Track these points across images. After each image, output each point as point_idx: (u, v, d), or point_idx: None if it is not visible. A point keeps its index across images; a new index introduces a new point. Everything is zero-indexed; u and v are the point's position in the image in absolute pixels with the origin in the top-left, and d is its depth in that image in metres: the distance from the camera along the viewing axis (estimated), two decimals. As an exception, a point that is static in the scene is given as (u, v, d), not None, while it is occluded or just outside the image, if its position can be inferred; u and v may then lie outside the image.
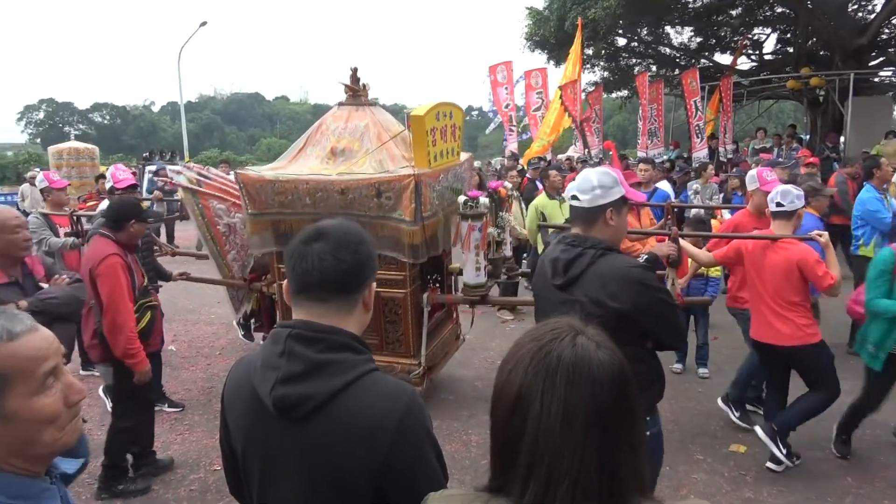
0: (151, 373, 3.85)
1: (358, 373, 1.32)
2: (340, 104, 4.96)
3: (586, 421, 0.98)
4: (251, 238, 4.77)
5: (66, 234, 5.45)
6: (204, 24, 25.51)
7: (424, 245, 4.40)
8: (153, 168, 16.81)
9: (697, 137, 13.35)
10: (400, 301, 4.58)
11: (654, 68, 19.57)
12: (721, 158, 13.90)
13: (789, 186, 3.98)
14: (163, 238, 9.00)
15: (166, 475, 4.10)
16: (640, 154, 13.66)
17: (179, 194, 5.60)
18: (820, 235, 3.75)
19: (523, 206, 7.54)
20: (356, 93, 4.92)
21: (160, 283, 5.48)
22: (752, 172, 4.70)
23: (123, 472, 3.93)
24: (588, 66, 18.61)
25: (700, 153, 12.97)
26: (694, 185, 8.57)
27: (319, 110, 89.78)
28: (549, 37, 16.83)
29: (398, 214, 4.30)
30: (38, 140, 72.33)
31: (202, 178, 5.44)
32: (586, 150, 12.46)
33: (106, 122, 75.10)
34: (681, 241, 3.98)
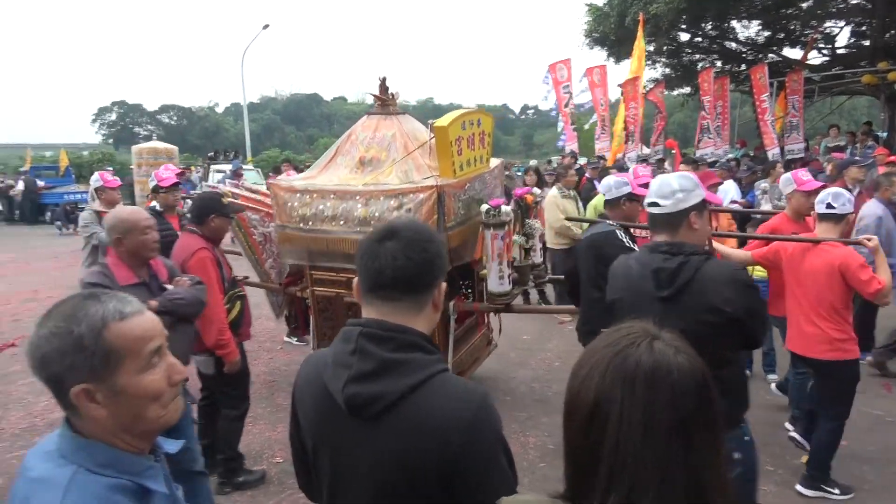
0: (241, 363, 3.90)
1: (429, 373, 1.31)
2: (369, 114, 4.99)
3: (668, 428, 0.95)
4: (282, 247, 4.82)
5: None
6: (266, 27, 26.19)
7: (449, 256, 4.20)
8: (225, 168, 17.37)
9: (776, 134, 12.77)
10: None
11: (718, 64, 18.97)
12: (790, 156, 13.33)
13: (841, 189, 3.73)
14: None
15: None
16: (697, 153, 13.24)
17: None
18: (869, 240, 3.44)
19: (581, 205, 7.41)
20: (385, 102, 4.94)
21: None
22: (787, 175, 4.53)
23: (240, 463, 4.01)
24: (649, 62, 18.18)
25: (772, 151, 12.46)
26: (762, 185, 8.25)
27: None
28: (610, 33, 16.56)
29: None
30: (111, 140, 75.95)
31: (236, 192, 5.58)
32: (644, 148, 12.17)
33: (173, 122, 78.13)
34: (714, 242, 3.88)
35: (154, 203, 5.48)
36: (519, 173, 24.37)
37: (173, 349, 3.04)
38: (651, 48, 17.38)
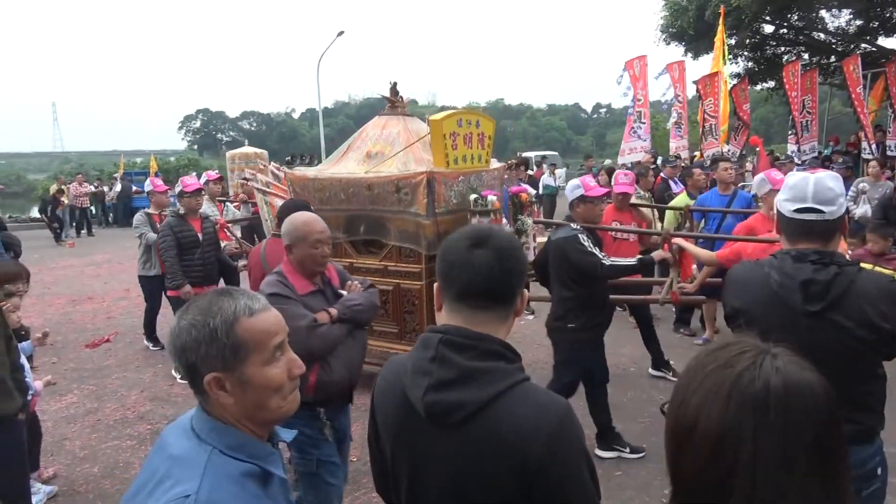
0: None
1: (510, 382, 1.28)
2: (380, 114, 5.51)
3: (807, 455, 0.86)
4: None
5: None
6: (341, 33, 26.77)
7: (438, 239, 4.67)
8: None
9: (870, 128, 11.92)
10: (416, 293, 4.94)
11: (805, 56, 17.98)
12: (890, 153, 12.44)
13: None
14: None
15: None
16: (791, 149, 12.53)
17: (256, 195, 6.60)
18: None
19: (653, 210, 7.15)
20: (394, 104, 5.46)
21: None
22: (761, 175, 4.59)
23: None
24: (730, 56, 17.44)
25: (871, 146, 11.64)
26: (861, 184, 7.69)
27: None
28: (688, 28, 15.99)
29: (414, 209, 4.70)
30: (195, 146, 79.83)
31: (271, 182, 6.44)
32: (726, 146, 11.63)
33: (253, 128, 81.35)
34: (682, 241, 4.22)
35: (179, 207, 5.96)
36: (594, 171, 24.00)
37: (350, 356, 3.02)
38: (732, 42, 16.66)
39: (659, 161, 11.86)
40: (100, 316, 8.30)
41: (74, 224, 18.22)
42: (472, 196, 4.77)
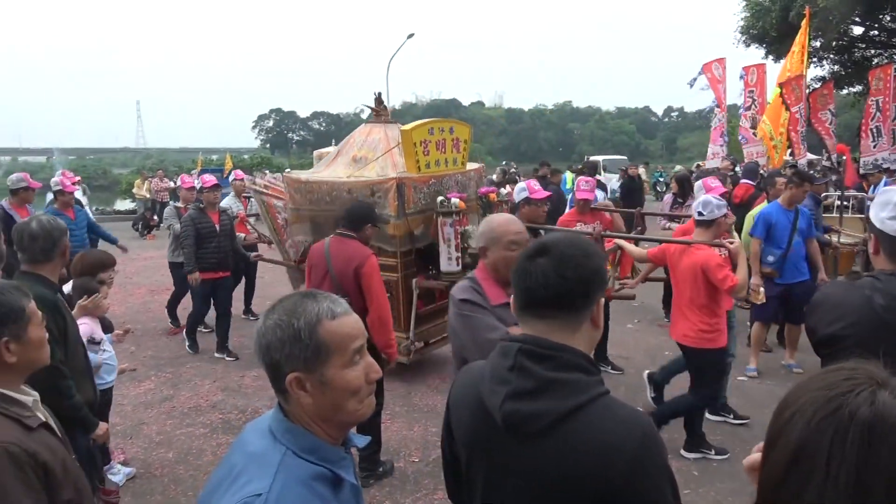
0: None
1: (591, 395, 1.26)
2: (366, 122, 6.23)
3: (886, 495, 0.81)
4: (293, 228, 6.03)
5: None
6: (411, 35, 26.93)
7: (409, 237, 5.37)
8: None
9: None
10: (393, 284, 5.35)
11: (897, 59, 16.93)
12: None
13: (709, 197, 4.29)
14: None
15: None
16: (865, 160, 11.78)
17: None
18: (731, 242, 4.13)
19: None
20: (378, 113, 6.12)
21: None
22: (699, 182, 5.02)
23: (379, 455, 4.14)
24: (814, 59, 16.64)
25: None
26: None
27: (512, 115, 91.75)
28: (770, 29, 15.35)
29: (387, 212, 5.20)
30: (268, 145, 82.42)
31: (269, 184, 7.02)
32: (826, 154, 11.05)
33: (322, 128, 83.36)
34: (622, 241, 4.96)
35: (199, 201, 6.68)
36: (661, 178, 23.27)
37: None
38: (816, 44, 15.88)
39: (737, 168, 11.37)
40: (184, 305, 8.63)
41: (155, 217, 19.09)
42: (439, 198, 5.28)
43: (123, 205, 19.82)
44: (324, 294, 1.30)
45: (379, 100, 6.15)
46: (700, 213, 4.19)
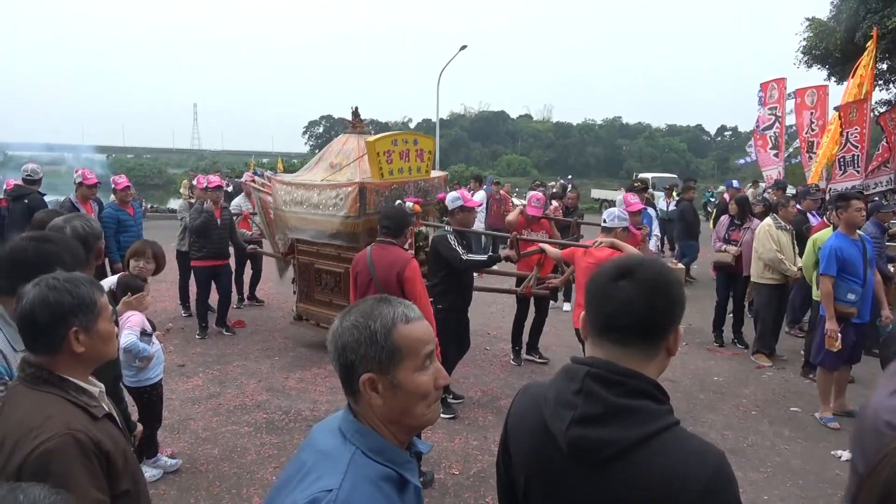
0: None
1: (661, 425, 1.22)
2: (344, 132, 6.91)
3: None
4: (278, 223, 6.85)
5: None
6: (464, 47, 27.20)
7: (369, 233, 5.76)
8: None
9: None
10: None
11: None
12: None
13: (613, 209, 5.25)
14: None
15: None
16: None
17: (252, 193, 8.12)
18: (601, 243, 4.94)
19: (794, 238, 6.68)
20: (354, 125, 6.78)
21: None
22: (619, 196, 5.94)
23: None
24: (879, 82, 16.02)
25: None
26: None
27: (560, 129, 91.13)
28: (834, 50, 14.85)
29: (344, 213, 5.88)
30: (317, 151, 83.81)
31: (265, 183, 7.73)
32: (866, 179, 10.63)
33: (370, 136, 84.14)
34: (542, 243, 5.76)
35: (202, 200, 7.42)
36: (712, 198, 22.73)
37: None
38: (883, 66, 15.30)
39: (789, 191, 11.05)
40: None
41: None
42: (397, 202, 5.77)
43: (176, 204, 20.41)
44: (398, 299, 1.33)
45: (355, 112, 6.88)
46: (604, 221, 5.17)
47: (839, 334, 4.97)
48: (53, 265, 2.04)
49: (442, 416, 5.09)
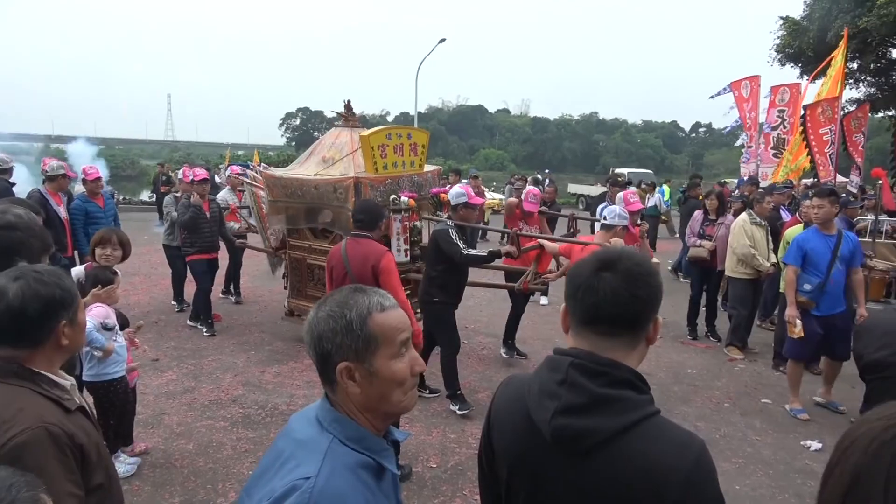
0: None
1: (642, 414, 1.24)
2: (336, 125, 6.88)
3: None
4: (271, 218, 6.78)
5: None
6: (442, 41, 27.15)
7: None
8: None
9: None
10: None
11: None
12: None
13: (618, 208, 5.23)
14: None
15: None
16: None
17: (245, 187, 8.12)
18: (609, 242, 4.69)
19: (769, 234, 6.79)
20: (347, 118, 6.75)
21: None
22: (621, 194, 5.85)
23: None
24: (850, 81, 16.36)
25: None
26: None
27: (538, 123, 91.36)
28: (807, 49, 15.12)
29: (347, 205, 5.79)
30: (293, 143, 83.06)
31: (258, 177, 7.63)
32: (840, 177, 10.87)
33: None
34: (540, 239, 5.78)
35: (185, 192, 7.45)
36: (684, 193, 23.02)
37: None
38: (853, 65, 15.63)
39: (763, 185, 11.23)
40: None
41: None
42: (392, 196, 5.87)
43: (146, 195, 20.13)
44: (373, 289, 1.34)
45: (348, 106, 6.83)
46: (604, 218, 5.24)
47: (798, 322, 5.18)
48: (21, 252, 1.99)
49: (458, 412, 5.15)
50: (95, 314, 3.73)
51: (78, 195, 7.00)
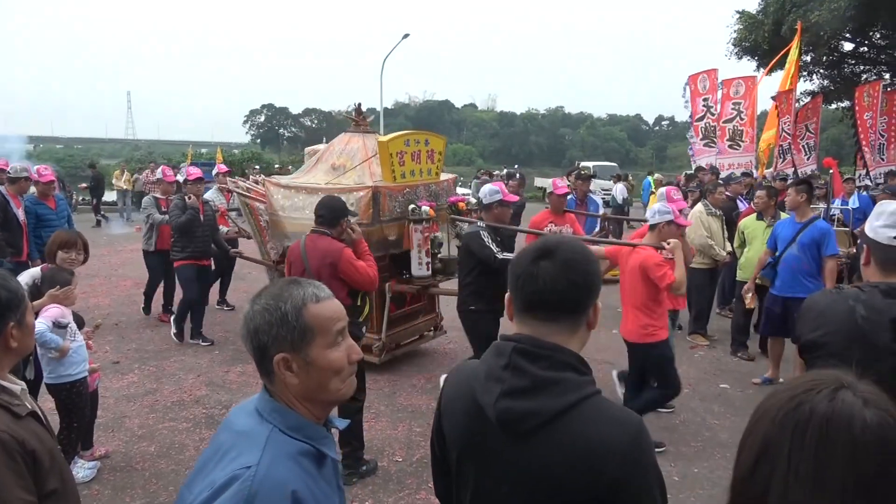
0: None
1: (583, 394, 1.28)
2: (346, 131, 6.34)
3: (843, 488, 0.86)
4: (273, 230, 6.17)
5: (161, 213, 7.23)
6: (406, 36, 27.10)
7: (383, 243, 5.50)
8: None
9: None
10: None
11: (886, 76, 17.16)
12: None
13: (659, 205, 4.69)
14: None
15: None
16: (860, 172, 12.02)
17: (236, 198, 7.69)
18: (668, 243, 4.27)
19: (724, 224, 6.96)
20: (358, 123, 6.28)
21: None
22: (662, 190, 5.38)
23: (362, 453, 4.16)
24: (804, 74, 16.81)
25: None
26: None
27: (505, 118, 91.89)
28: (762, 42, 15.49)
29: (357, 219, 5.19)
30: (258, 140, 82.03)
31: (251, 187, 7.09)
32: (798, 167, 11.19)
33: (314, 125, 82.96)
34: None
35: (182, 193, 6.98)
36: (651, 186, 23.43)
37: None
38: (807, 58, 16.06)
39: (722, 176, 11.50)
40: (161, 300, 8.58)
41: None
42: (411, 206, 5.53)
43: (111, 196, 19.60)
44: (307, 280, 1.37)
45: (359, 110, 6.46)
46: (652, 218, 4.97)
47: (750, 294, 6.04)
48: None
49: None
50: (50, 315, 3.66)
51: (27, 197, 6.80)
